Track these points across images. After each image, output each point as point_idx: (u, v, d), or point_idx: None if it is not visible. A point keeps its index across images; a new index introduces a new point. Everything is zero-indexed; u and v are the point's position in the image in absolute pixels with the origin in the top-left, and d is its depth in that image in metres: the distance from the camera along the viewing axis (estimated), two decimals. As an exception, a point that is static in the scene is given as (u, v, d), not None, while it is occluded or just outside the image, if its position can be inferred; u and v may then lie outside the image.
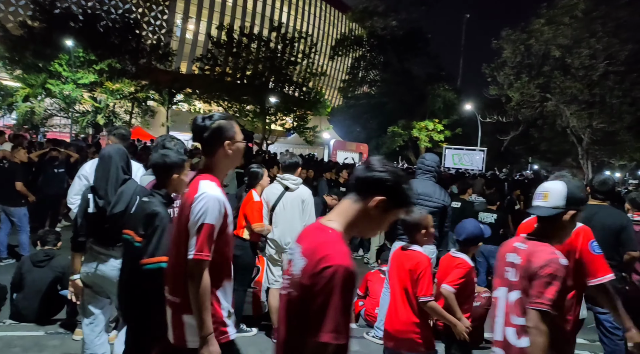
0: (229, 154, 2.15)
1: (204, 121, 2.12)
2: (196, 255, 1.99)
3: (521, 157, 41.06)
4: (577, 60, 22.76)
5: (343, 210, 1.61)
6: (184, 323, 2.07)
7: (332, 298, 1.42)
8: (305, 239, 1.62)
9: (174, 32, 41.35)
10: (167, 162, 2.80)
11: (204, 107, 28.53)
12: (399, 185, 1.58)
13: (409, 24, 35.13)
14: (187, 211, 2.06)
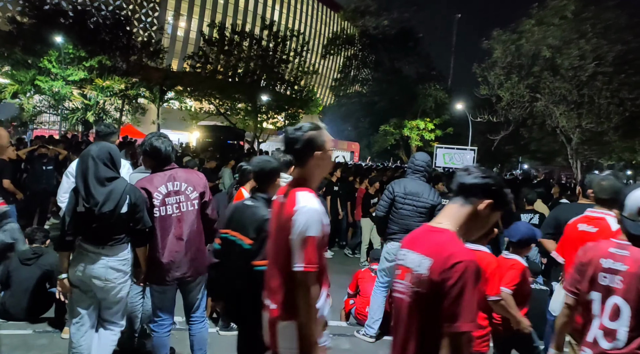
0: (321, 164, 2.22)
1: (295, 133, 2.21)
2: (306, 267, 2.05)
3: (511, 156, 41.36)
4: (567, 60, 22.95)
5: (452, 213, 1.81)
6: (279, 330, 2.15)
7: (466, 290, 1.59)
8: (419, 242, 1.80)
9: (165, 29, 41.13)
10: (269, 169, 3.00)
11: (195, 105, 28.41)
12: (502, 189, 1.80)
13: (400, 23, 35.27)
14: (286, 222, 2.11)
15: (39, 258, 4.72)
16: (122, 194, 3.02)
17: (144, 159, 3.49)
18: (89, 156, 3.07)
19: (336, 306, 5.68)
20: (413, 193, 4.64)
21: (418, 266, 1.72)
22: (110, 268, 3.07)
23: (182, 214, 3.32)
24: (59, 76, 21.51)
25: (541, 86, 24.09)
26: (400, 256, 1.87)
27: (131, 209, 3.06)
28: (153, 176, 3.33)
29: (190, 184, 3.37)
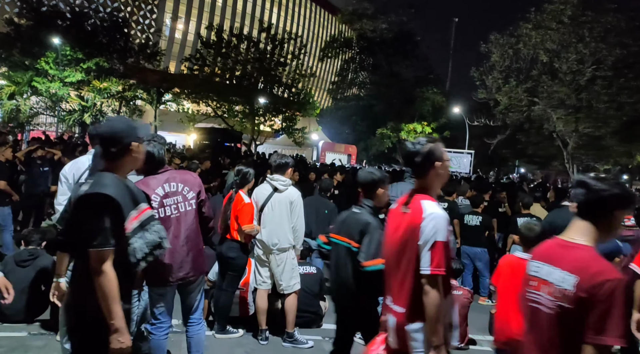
0: (440, 174, 2.36)
1: (415, 146, 2.35)
2: (433, 271, 2.17)
3: (508, 160, 41.47)
4: (565, 65, 23.03)
5: (586, 229, 1.89)
6: (409, 332, 2.26)
7: (616, 307, 1.67)
8: (557, 257, 1.90)
9: (162, 32, 41.11)
10: (374, 179, 3.32)
11: (193, 107, 28.39)
12: (627, 192, 1.90)
13: (398, 26, 35.34)
14: (412, 230, 2.25)
15: (35, 260, 4.69)
16: None
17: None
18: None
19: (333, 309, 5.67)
20: (402, 196, 4.64)
21: (561, 281, 1.82)
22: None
23: (180, 215, 3.32)
24: (56, 78, 21.46)
25: (539, 90, 24.18)
26: (532, 267, 2.01)
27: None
28: (148, 178, 3.32)
29: (187, 184, 3.38)
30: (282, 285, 4.54)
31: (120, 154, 2.25)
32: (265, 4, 56.72)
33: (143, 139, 2.33)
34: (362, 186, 3.39)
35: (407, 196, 2.39)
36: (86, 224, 2.09)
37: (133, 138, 2.25)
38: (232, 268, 4.59)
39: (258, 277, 4.63)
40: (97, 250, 2.05)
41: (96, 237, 2.05)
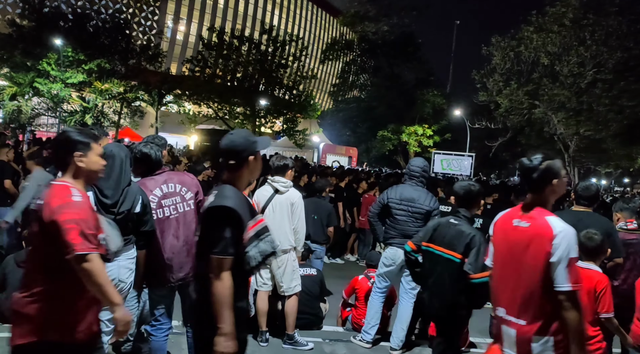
0: (557, 191, 2.43)
1: (532, 162, 2.42)
2: (574, 287, 2.24)
3: (509, 163, 41.47)
4: (566, 68, 23.05)
5: None
6: (534, 345, 2.31)
7: None
8: None
9: (164, 33, 41.21)
10: (476, 192, 3.55)
11: (194, 108, 28.43)
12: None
13: (400, 29, 35.34)
14: (539, 244, 2.30)
15: (35, 261, 4.69)
16: (135, 195, 3.05)
17: (135, 166, 3.45)
18: (114, 156, 3.03)
19: (333, 311, 5.67)
20: (408, 199, 4.64)
21: None
22: (122, 268, 3.05)
23: (179, 215, 3.34)
24: (58, 79, 21.51)
25: (540, 93, 24.19)
26: None
27: (142, 210, 3.07)
28: (145, 180, 3.34)
29: (185, 185, 3.41)
30: (283, 287, 4.52)
31: (238, 167, 2.39)
32: (266, 6, 56.81)
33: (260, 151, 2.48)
34: (460, 197, 3.55)
35: (517, 209, 2.49)
36: (210, 233, 2.27)
37: (251, 151, 2.38)
38: None
39: (259, 279, 4.60)
40: (218, 257, 2.21)
41: (218, 246, 2.21)
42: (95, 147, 2.37)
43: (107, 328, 3.10)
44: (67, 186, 2.24)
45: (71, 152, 2.29)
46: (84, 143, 2.32)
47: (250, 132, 2.56)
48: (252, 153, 2.38)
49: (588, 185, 4.30)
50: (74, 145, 2.30)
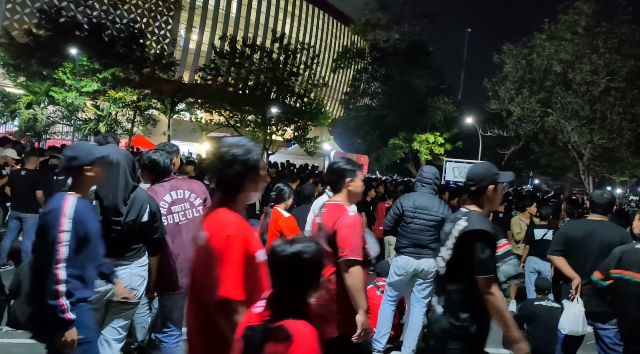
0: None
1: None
2: None
3: (521, 171, 41.08)
4: (579, 75, 22.85)
5: None
6: None
7: None
8: None
9: (177, 42, 41.67)
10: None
11: (206, 116, 28.64)
12: None
13: (411, 37, 35.37)
14: None
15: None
16: (142, 203, 3.04)
17: (143, 172, 3.49)
18: (118, 164, 3.02)
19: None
20: (422, 207, 4.62)
21: None
22: (134, 275, 3.06)
23: (188, 222, 3.36)
24: (73, 87, 21.78)
25: (553, 101, 23.99)
26: None
27: (151, 218, 3.08)
28: (155, 186, 3.38)
29: (193, 191, 3.45)
30: None
31: (478, 194, 2.73)
32: (278, 14, 57.23)
33: (503, 183, 2.84)
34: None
35: None
36: (473, 256, 2.54)
37: (491, 181, 2.72)
38: None
39: None
40: (485, 277, 2.50)
41: (483, 267, 2.52)
42: (359, 174, 2.98)
43: (119, 334, 3.12)
44: (341, 204, 2.88)
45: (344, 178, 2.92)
46: (353, 170, 2.95)
47: (493, 165, 2.87)
48: (491, 183, 2.70)
49: (602, 193, 4.25)
50: (346, 172, 2.92)
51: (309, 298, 1.79)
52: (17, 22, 34.67)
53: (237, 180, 2.06)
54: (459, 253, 2.62)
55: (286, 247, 1.75)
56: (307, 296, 1.79)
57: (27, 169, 7.02)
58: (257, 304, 1.81)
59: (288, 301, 1.75)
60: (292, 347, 1.63)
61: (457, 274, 2.64)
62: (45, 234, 2.51)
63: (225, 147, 2.11)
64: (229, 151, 2.07)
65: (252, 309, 1.81)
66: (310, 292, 1.79)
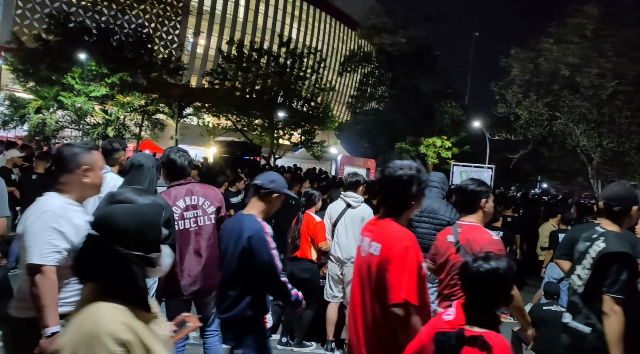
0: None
1: None
2: None
3: (530, 175, 40.82)
4: (586, 79, 22.73)
5: None
6: None
7: None
8: None
9: (185, 47, 41.95)
10: None
11: (213, 120, 28.77)
12: None
13: (417, 41, 35.40)
14: None
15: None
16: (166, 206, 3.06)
17: (164, 172, 3.54)
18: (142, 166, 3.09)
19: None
20: (429, 211, 4.62)
21: None
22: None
23: (199, 229, 3.35)
24: (82, 92, 21.96)
25: (560, 105, 23.87)
26: None
27: (166, 223, 3.07)
28: (171, 189, 3.38)
29: (208, 198, 3.41)
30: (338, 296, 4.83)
31: (622, 214, 2.80)
32: (285, 19, 57.44)
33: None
34: None
35: None
36: (607, 275, 2.59)
37: (634, 202, 2.78)
38: (307, 288, 4.66)
39: (329, 291, 4.87)
40: (615, 297, 2.53)
41: (618, 288, 2.53)
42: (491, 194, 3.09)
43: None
44: (480, 226, 2.96)
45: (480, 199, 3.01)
46: (487, 191, 3.05)
47: (631, 185, 2.98)
48: (635, 204, 2.79)
49: None
50: (481, 194, 3.01)
51: (498, 310, 2.01)
52: (27, 28, 35.03)
53: (410, 199, 2.32)
54: (599, 274, 2.68)
55: (482, 263, 1.92)
56: (498, 308, 2.00)
57: (38, 173, 7.09)
58: (447, 312, 1.98)
59: (481, 312, 1.92)
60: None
61: (598, 293, 2.66)
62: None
63: (400, 169, 2.33)
64: (406, 174, 2.30)
65: (441, 316, 1.98)
66: (501, 305, 2.01)
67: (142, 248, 1.44)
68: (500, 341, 1.86)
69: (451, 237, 3.03)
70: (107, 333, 1.34)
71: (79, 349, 1.33)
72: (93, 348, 1.32)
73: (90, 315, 1.38)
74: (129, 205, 1.49)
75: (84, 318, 1.39)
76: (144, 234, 1.45)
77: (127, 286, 1.42)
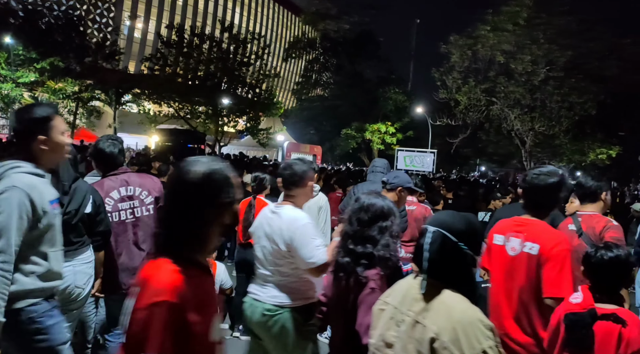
0: None
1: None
2: None
3: (469, 159, 42.47)
4: (520, 66, 23.81)
5: None
6: None
7: None
8: None
9: (121, 31, 40.10)
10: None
11: (154, 108, 27.82)
12: None
13: (360, 27, 35.66)
14: None
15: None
16: (85, 194, 2.91)
17: (94, 163, 3.39)
18: None
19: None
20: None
21: None
22: (79, 273, 2.88)
23: (136, 220, 3.23)
24: (9, 78, 20.67)
25: (497, 90, 24.92)
26: None
27: (95, 210, 2.94)
28: (104, 180, 3.24)
29: (145, 188, 3.29)
30: None
31: None
32: (227, 3, 56.15)
33: None
34: None
35: None
36: None
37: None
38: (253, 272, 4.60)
39: None
40: None
41: None
42: None
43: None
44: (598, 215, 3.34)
45: None
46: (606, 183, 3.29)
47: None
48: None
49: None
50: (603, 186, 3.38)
51: (620, 291, 2.28)
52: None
53: (559, 202, 2.68)
54: None
55: (605, 252, 2.22)
56: (621, 289, 2.28)
57: None
58: (574, 296, 2.25)
59: (607, 294, 2.20)
60: (627, 329, 2.07)
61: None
62: None
63: (549, 177, 2.55)
64: (555, 181, 2.54)
65: (568, 300, 2.25)
66: (624, 286, 2.34)
67: (473, 249, 1.66)
68: (632, 316, 2.12)
69: (572, 226, 3.33)
70: (478, 319, 1.53)
71: (457, 335, 1.49)
72: (473, 332, 1.49)
73: (454, 305, 1.56)
74: (460, 213, 1.76)
75: (448, 308, 1.56)
76: (475, 237, 1.69)
77: (469, 282, 1.65)
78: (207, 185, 1.42)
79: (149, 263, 1.44)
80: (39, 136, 2.17)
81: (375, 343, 1.73)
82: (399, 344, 1.62)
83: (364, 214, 2.30)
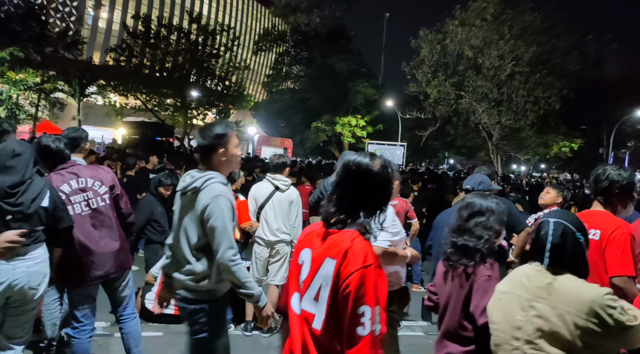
0: None
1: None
2: None
3: (438, 151, 43.14)
4: (488, 60, 24.25)
5: None
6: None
7: None
8: None
9: (84, 20, 38.88)
10: None
11: (120, 100, 27.14)
12: None
13: (332, 20, 35.55)
14: None
15: None
16: (42, 188, 2.82)
17: (40, 160, 3.21)
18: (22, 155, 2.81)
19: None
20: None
21: None
22: (33, 274, 2.77)
23: (93, 211, 3.16)
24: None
25: (465, 84, 25.33)
26: None
27: (53, 205, 2.84)
28: (52, 175, 3.14)
29: (97, 179, 3.23)
30: (277, 277, 4.72)
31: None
32: (195, -6, 55.19)
33: None
34: None
35: None
36: None
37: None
38: None
39: (254, 273, 4.74)
40: None
41: None
42: None
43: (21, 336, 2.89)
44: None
45: None
46: None
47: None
48: None
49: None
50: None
51: None
52: None
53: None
54: None
55: None
56: None
57: None
58: None
59: None
60: None
61: None
62: None
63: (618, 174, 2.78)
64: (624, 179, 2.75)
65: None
66: None
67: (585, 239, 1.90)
68: None
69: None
70: (604, 293, 1.71)
71: (595, 311, 1.67)
72: (604, 309, 1.67)
73: (578, 287, 1.76)
74: (568, 211, 2.00)
75: (571, 290, 1.75)
76: (584, 229, 1.91)
77: (583, 267, 1.84)
78: (385, 174, 1.84)
79: (337, 234, 1.69)
80: (220, 149, 2.51)
81: (499, 327, 1.92)
82: (529, 327, 1.79)
83: (464, 211, 2.50)
